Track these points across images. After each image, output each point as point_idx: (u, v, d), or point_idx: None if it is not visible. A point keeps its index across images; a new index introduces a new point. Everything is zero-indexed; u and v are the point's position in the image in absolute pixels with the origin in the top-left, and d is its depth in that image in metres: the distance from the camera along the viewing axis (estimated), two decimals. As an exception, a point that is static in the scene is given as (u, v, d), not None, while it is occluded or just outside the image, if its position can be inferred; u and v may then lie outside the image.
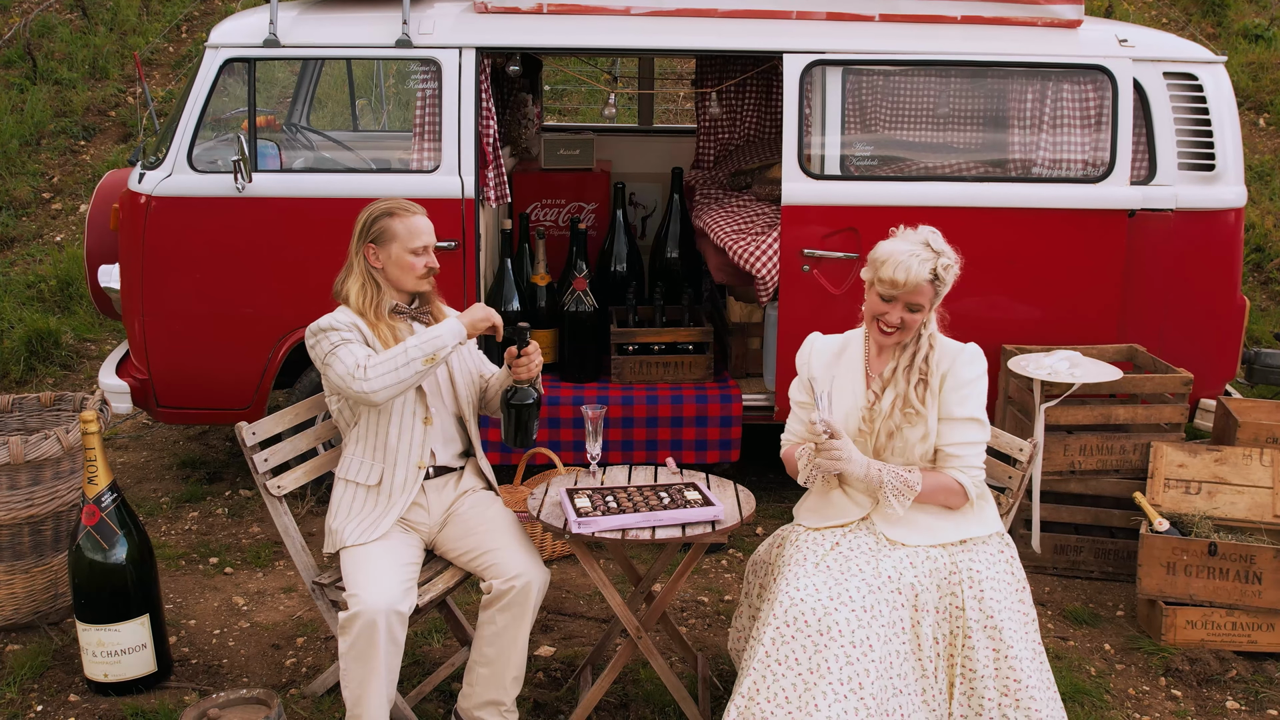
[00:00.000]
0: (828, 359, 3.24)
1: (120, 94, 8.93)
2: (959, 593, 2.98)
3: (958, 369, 3.08)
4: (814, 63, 4.62)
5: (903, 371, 3.09)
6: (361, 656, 3.04)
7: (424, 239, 3.33)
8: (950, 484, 3.07)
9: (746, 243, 4.80)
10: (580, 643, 3.96)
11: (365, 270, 3.33)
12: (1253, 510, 4.12)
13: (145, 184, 4.68)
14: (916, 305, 3.04)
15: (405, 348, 3.15)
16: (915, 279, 3.00)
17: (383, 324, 3.29)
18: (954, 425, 3.07)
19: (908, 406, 3.05)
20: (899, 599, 2.92)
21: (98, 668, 3.59)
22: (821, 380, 3.16)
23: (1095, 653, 3.99)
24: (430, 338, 3.18)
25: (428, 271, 3.35)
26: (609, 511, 3.18)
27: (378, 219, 3.32)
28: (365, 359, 3.15)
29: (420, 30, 4.63)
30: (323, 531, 4.67)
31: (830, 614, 2.84)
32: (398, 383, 3.13)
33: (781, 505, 4.99)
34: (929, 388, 3.07)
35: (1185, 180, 4.75)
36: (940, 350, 3.11)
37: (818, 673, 2.80)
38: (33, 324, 6.64)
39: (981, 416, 3.10)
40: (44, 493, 3.86)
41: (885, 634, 2.87)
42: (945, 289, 3.07)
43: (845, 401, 3.16)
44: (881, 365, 3.15)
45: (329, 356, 3.19)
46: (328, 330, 3.22)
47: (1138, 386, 4.43)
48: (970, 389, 3.07)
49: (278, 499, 3.36)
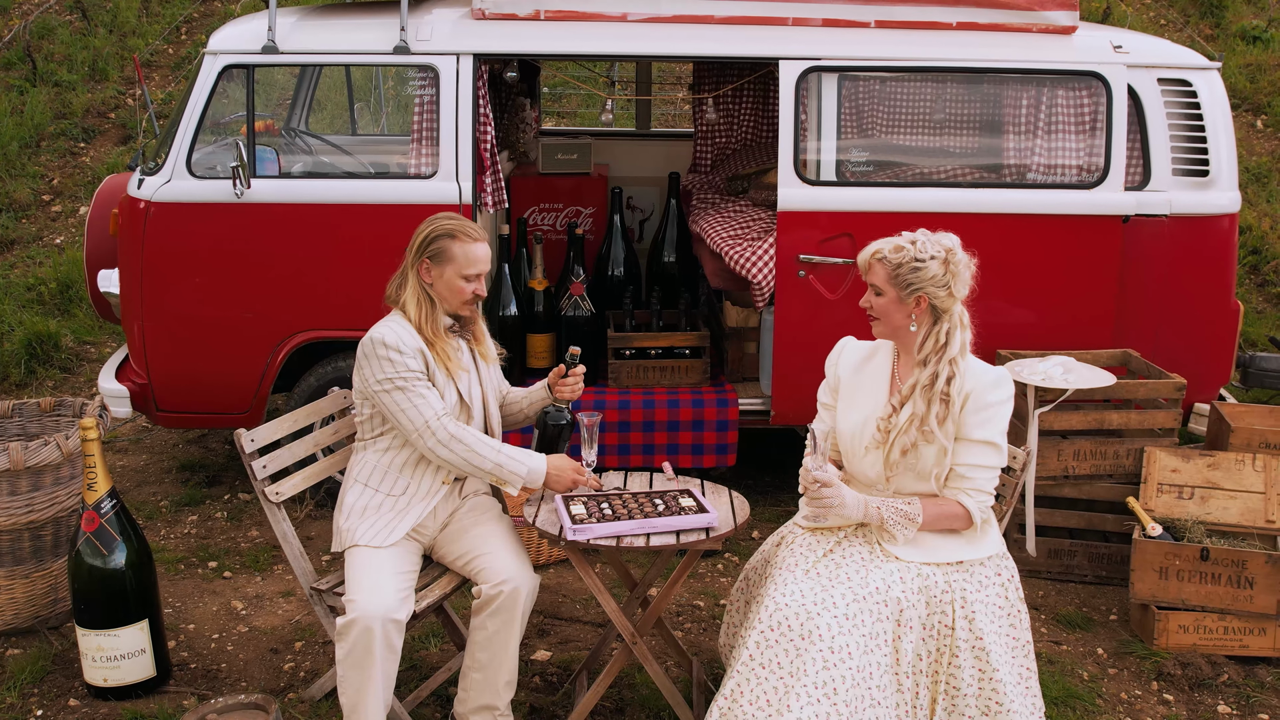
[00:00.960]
0: (856, 362, 3.24)
1: (120, 96, 8.96)
2: (949, 612, 2.98)
3: (980, 391, 3.03)
4: (810, 69, 4.64)
5: (922, 390, 3.04)
6: (358, 663, 3.06)
7: (479, 267, 3.32)
8: (954, 510, 3.05)
9: (743, 248, 4.83)
10: (576, 647, 3.99)
11: (419, 285, 3.33)
12: (1245, 515, 4.15)
13: (144, 190, 4.70)
14: (877, 289, 3.08)
15: (492, 460, 3.23)
16: (865, 259, 3.10)
17: (440, 341, 3.31)
18: (969, 446, 3.04)
19: (924, 426, 3.02)
20: (884, 611, 2.94)
21: (97, 673, 3.61)
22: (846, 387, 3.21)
23: (1088, 657, 4.01)
24: (513, 471, 3.25)
25: (475, 298, 3.36)
26: (604, 518, 3.20)
27: (439, 238, 3.29)
28: (443, 414, 3.22)
29: (418, 36, 4.65)
30: (321, 535, 4.74)
31: (813, 618, 2.87)
32: (457, 467, 3.26)
33: (777, 509, 5.02)
34: (949, 411, 3.02)
35: (1179, 186, 4.78)
36: (965, 375, 3.05)
37: (795, 675, 2.83)
38: (33, 327, 6.66)
39: (999, 441, 3.05)
40: (44, 498, 3.89)
41: (865, 644, 2.88)
42: (911, 279, 3.02)
43: (865, 407, 3.16)
44: (906, 375, 3.13)
45: (393, 388, 3.21)
46: (393, 352, 3.21)
47: (1131, 392, 4.45)
48: (991, 412, 3.03)
49: (276, 506, 3.38)
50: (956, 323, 3.08)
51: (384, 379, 3.21)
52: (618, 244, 5.50)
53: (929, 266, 3.02)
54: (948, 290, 3.05)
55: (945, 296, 3.06)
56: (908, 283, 3.03)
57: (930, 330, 3.08)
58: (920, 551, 3.04)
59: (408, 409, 3.21)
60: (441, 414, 3.22)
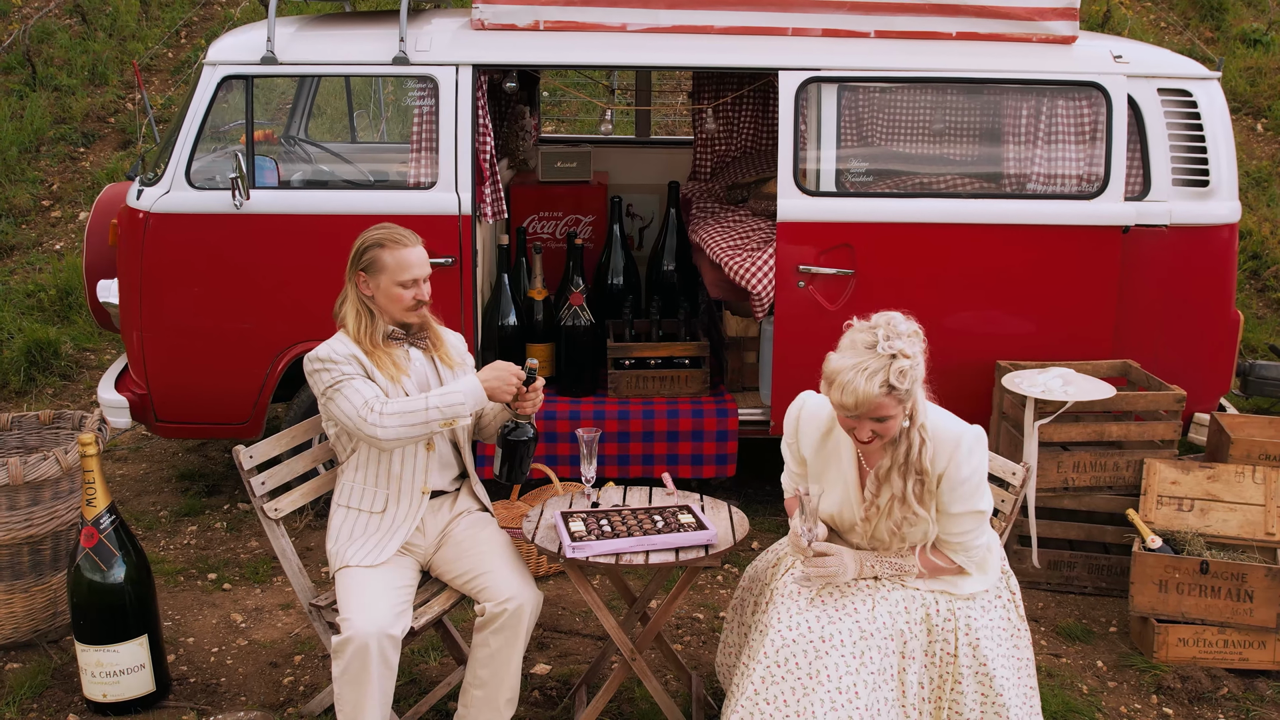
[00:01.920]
0: (817, 438, 3.06)
1: (119, 100, 8.95)
2: (951, 640, 2.96)
3: (952, 470, 2.87)
4: (809, 80, 4.64)
5: (898, 470, 2.89)
6: (355, 680, 3.06)
7: (413, 272, 3.30)
8: (949, 566, 3.01)
9: (742, 258, 4.82)
10: (576, 660, 3.99)
11: (358, 298, 3.35)
12: (1245, 528, 4.14)
13: (143, 200, 4.70)
14: (882, 417, 2.80)
15: (426, 405, 3.17)
16: (866, 398, 2.73)
17: (379, 351, 3.30)
18: (952, 519, 2.95)
19: (906, 508, 2.90)
20: (889, 645, 2.92)
21: (97, 688, 3.61)
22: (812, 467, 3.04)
23: (1087, 670, 4.01)
24: (452, 402, 3.19)
25: (416, 304, 3.34)
26: (603, 535, 3.20)
27: (369, 249, 3.31)
28: (374, 399, 3.18)
29: (417, 47, 4.65)
30: (320, 547, 4.73)
31: (821, 657, 2.85)
32: (411, 436, 3.19)
33: (776, 519, 5.01)
34: (925, 487, 2.90)
35: (1179, 196, 4.77)
36: (935, 442, 2.88)
37: (804, 716, 2.81)
38: (32, 334, 6.66)
39: (981, 505, 2.93)
40: (43, 513, 3.89)
41: (873, 681, 2.87)
42: (911, 390, 2.80)
43: (837, 489, 3.03)
44: (874, 458, 2.98)
45: (331, 391, 3.22)
46: (326, 363, 3.23)
47: (1131, 404, 4.45)
48: (967, 486, 2.89)
49: (275, 522, 3.38)
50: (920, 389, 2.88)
51: (325, 389, 3.24)
52: (617, 253, 5.50)
53: (918, 361, 2.80)
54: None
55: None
56: (908, 392, 2.80)
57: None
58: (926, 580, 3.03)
59: (344, 406, 3.20)
60: (373, 399, 3.18)
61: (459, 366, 3.47)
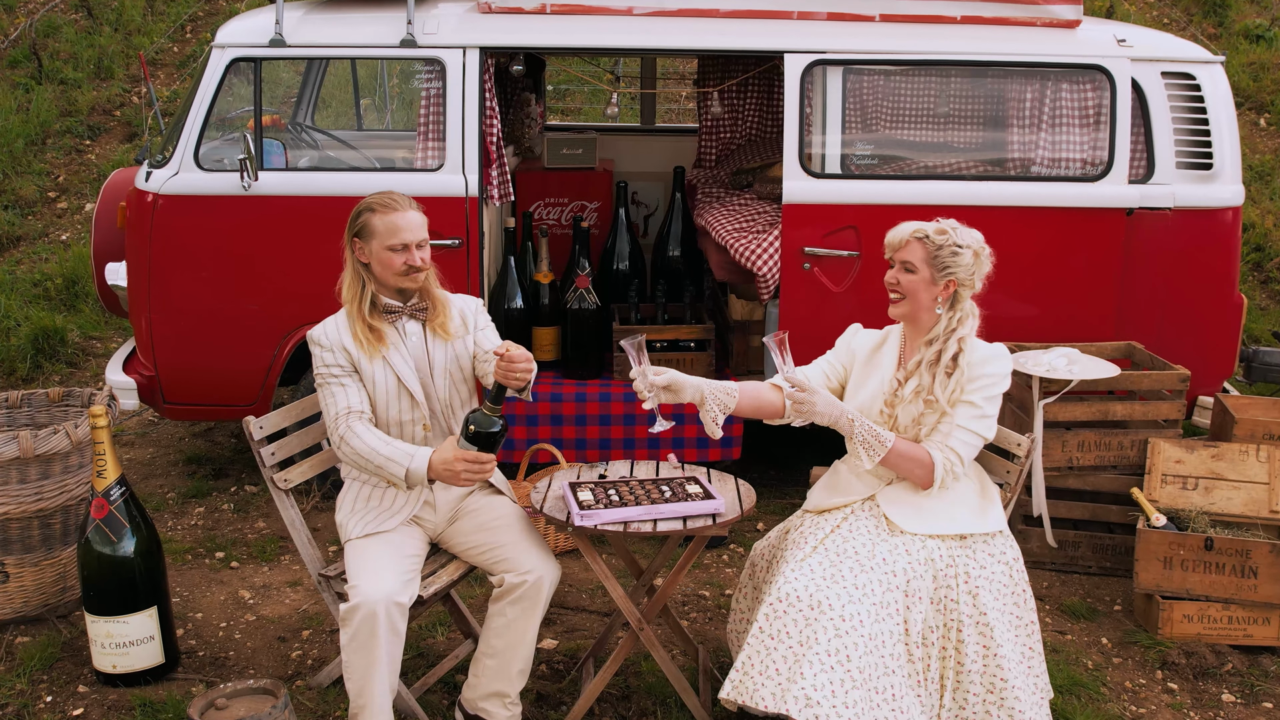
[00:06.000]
0: (868, 350, 3.33)
1: (125, 93, 8.98)
2: (954, 586, 3.02)
3: (976, 362, 3.14)
4: (815, 62, 4.66)
5: (928, 365, 3.15)
6: (363, 647, 3.07)
7: (403, 236, 3.25)
8: (921, 456, 3.11)
9: (748, 241, 4.84)
10: (583, 636, 4.00)
11: (355, 265, 3.35)
12: (1249, 506, 4.16)
13: (152, 182, 4.72)
14: (910, 265, 3.14)
15: (387, 459, 3.13)
16: (901, 237, 3.16)
17: (361, 323, 3.28)
18: (955, 405, 3.13)
19: (929, 395, 3.12)
20: (892, 581, 2.98)
21: (106, 659, 3.63)
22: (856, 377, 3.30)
23: (1093, 646, 4.03)
24: (394, 472, 3.12)
25: (408, 269, 3.28)
26: (611, 504, 3.22)
27: (361, 214, 3.31)
28: (345, 414, 3.22)
29: (425, 30, 4.67)
30: (327, 527, 4.76)
31: (821, 590, 2.91)
32: (360, 469, 3.25)
33: (782, 501, 5.03)
34: (949, 389, 3.14)
35: (1183, 179, 4.79)
36: (970, 350, 3.16)
37: (806, 644, 2.85)
38: (39, 322, 6.68)
39: (984, 407, 3.13)
40: (53, 487, 3.91)
41: (876, 613, 2.92)
42: (949, 263, 3.12)
43: (872, 387, 3.25)
44: (912, 356, 3.22)
45: (319, 381, 3.30)
46: (317, 346, 3.30)
47: (1135, 383, 4.46)
48: (983, 381, 3.12)
49: (284, 492, 3.40)
50: (969, 311, 3.21)
51: (316, 374, 3.31)
52: (623, 238, 5.52)
53: (965, 254, 3.13)
54: (974, 280, 3.17)
55: (970, 286, 3.18)
56: (944, 265, 3.12)
57: (946, 315, 3.18)
58: (923, 522, 3.10)
59: (325, 402, 3.28)
60: (345, 412, 3.21)
61: (456, 337, 3.38)
